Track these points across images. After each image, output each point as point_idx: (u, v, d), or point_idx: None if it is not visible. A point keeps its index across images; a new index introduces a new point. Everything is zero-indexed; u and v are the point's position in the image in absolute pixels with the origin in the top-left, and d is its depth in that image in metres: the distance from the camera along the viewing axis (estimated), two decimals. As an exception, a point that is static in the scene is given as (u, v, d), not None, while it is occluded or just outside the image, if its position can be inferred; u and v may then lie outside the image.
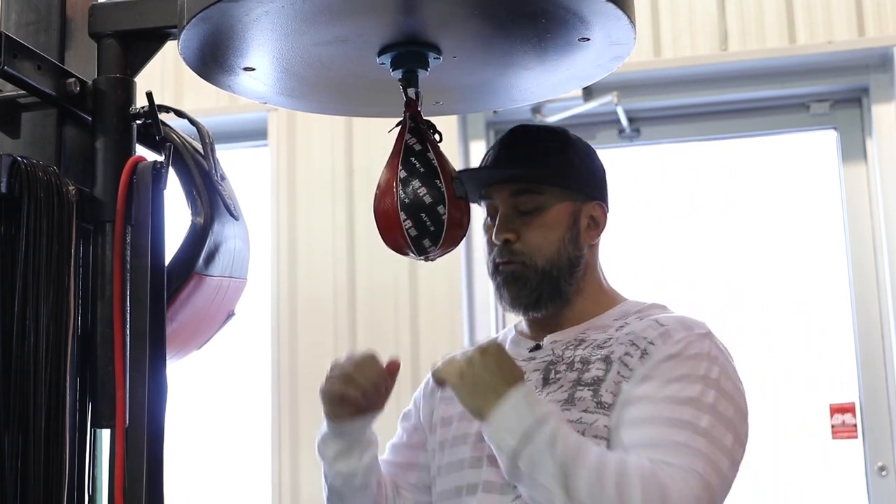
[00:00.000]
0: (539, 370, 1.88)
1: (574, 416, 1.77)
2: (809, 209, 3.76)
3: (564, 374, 1.84)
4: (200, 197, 1.56)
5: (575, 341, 1.88)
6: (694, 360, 1.76)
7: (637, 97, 3.74)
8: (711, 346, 1.79)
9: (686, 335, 1.79)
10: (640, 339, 1.80)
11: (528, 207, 1.89)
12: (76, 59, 1.52)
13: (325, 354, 3.73)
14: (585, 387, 1.79)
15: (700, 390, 1.73)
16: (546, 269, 1.89)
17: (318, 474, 3.56)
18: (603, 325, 1.90)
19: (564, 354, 1.87)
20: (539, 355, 1.91)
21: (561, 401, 1.80)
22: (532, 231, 1.89)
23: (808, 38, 3.60)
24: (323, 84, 1.63)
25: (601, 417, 1.75)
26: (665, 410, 1.71)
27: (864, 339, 3.60)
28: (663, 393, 1.72)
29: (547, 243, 1.89)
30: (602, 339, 1.86)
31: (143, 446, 1.37)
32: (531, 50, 1.51)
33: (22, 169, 1.33)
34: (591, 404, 1.77)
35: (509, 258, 1.90)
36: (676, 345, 1.77)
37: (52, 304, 1.32)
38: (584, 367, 1.82)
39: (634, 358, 1.78)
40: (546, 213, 1.90)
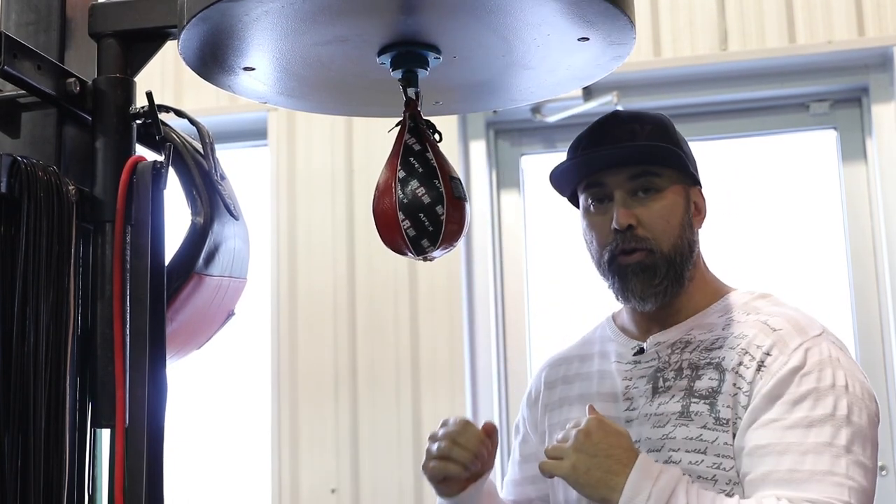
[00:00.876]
0: (646, 377, 1.82)
1: (693, 434, 1.72)
2: (809, 209, 3.76)
3: (674, 382, 1.78)
4: (200, 197, 1.56)
5: (680, 343, 1.82)
6: (817, 371, 1.69)
7: (637, 97, 3.74)
8: (831, 348, 1.73)
9: (802, 341, 1.72)
10: (754, 346, 1.73)
11: (648, 189, 1.82)
12: (76, 59, 1.52)
13: (324, 354, 3.75)
14: (700, 399, 1.73)
15: (832, 404, 1.66)
16: (671, 255, 1.82)
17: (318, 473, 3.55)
18: (708, 323, 1.83)
19: (671, 359, 1.81)
20: (643, 360, 1.85)
21: (676, 413, 1.75)
22: (654, 215, 1.82)
23: (807, 37, 3.60)
24: (323, 84, 1.63)
25: (721, 434, 1.70)
26: (799, 435, 1.64)
27: (864, 339, 3.60)
28: (794, 415, 1.65)
29: (670, 227, 1.82)
30: (709, 340, 1.79)
31: (143, 446, 1.37)
32: (531, 49, 1.51)
33: (22, 169, 1.33)
34: (710, 420, 1.71)
35: (634, 246, 1.81)
36: (795, 354, 1.70)
37: (52, 304, 1.32)
38: (693, 373, 1.76)
39: (750, 369, 1.71)
40: (665, 195, 1.84)
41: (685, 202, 1.86)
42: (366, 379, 3.71)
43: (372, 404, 3.68)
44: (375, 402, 3.68)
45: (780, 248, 3.75)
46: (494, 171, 3.89)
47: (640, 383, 1.83)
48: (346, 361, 3.74)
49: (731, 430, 1.70)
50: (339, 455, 3.69)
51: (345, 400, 3.70)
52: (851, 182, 3.69)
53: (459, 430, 1.82)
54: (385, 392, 3.69)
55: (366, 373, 3.71)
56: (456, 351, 3.66)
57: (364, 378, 3.71)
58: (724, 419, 1.71)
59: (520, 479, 2.05)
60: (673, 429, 1.75)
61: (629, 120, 1.89)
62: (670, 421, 1.76)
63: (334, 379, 3.73)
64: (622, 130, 1.87)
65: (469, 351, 3.71)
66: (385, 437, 3.67)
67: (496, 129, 3.91)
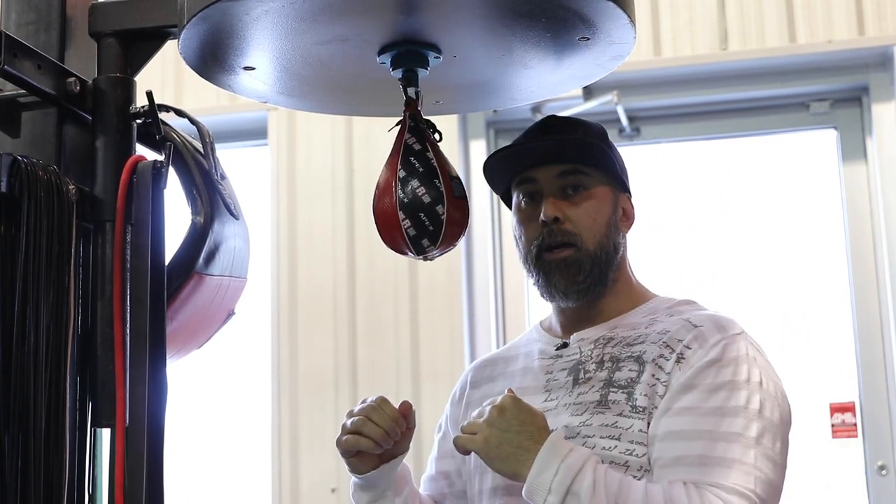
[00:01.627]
0: (567, 369, 1.86)
1: (609, 420, 1.75)
2: (809, 208, 3.76)
3: (594, 374, 1.81)
4: (200, 196, 1.56)
5: (603, 339, 1.85)
6: (734, 365, 1.72)
7: (637, 96, 3.74)
8: (748, 347, 1.76)
9: (721, 337, 1.75)
10: (674, 340, 1.77)
11: (576, 187, 1.86)
12: (76, 59, 1.52)
13: (324, 353, 3.75)
14: (619, 389, 1.76)
15: (746, 397, 1.69)
16: (597, 252, 1.85)
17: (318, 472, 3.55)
18: (631, 322, 1.86)
19: (593, 353, 1.84)
20: (566, 353, 1.88)
21: (594, 402, 1.78)
22: (582, 211, 1.86)
23: (808, 37, 3.60)
24: (323, 83, 1.63)
25: (637, 421, 1.73)
26: (713, 423, 1.67)
27: (864, 339, 3.61)
28: (708, 404, 1.69)
29: (597, 225, 1.86)
30: (631, 336, 1.83)
31: (144, 446, 1.37)
32: (531, 49, 1.51)
33: (22, 168, 1.33)
34: (626, 408, 1.74)
35: (561, 239, 1.84)
36: (713, 349, 1.74)
37: (53, 304, 1.32)
38: (614, 365, 1.80)
39: (670, 361, 1.75)
40: (594, 193, 1.87)
41: (612, 205, 1.90)
42: (366, 378, 3.71)
43: (372, 404, 3.68)
44: (375, 401, 3.67)
45: (780, 248, 3.75)
46: (494, 170, 3.89)
47: (560, 375, 1.86)
48: (346, 360, 3.74)
49: (647, 418, 1.73)
50: (339, 455, 3.68)
51: (345, 399, 3.70)
52: (851, 181, 3.69)
53: (374, 407, 1.84)
54: (385, 391, 3.65)
55: (366, 372, 3.72)
56: (456, 349, 3.66)
57: (364, 377, 3.72)
58: (640, 407, 1.74)
59: (435, 475, 2.06)
60: (590, 416, 1.78)
61: (565, 122, 1.94)
62: (588, 409, 1.78)
63: (334, 378, 3.73)
64: (558, 130, 1.92)
65: (469, 349, 3.71)
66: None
67: (496, 129, 3.91)
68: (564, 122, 1.93)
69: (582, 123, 1.94)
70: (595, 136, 1.92)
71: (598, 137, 1.92)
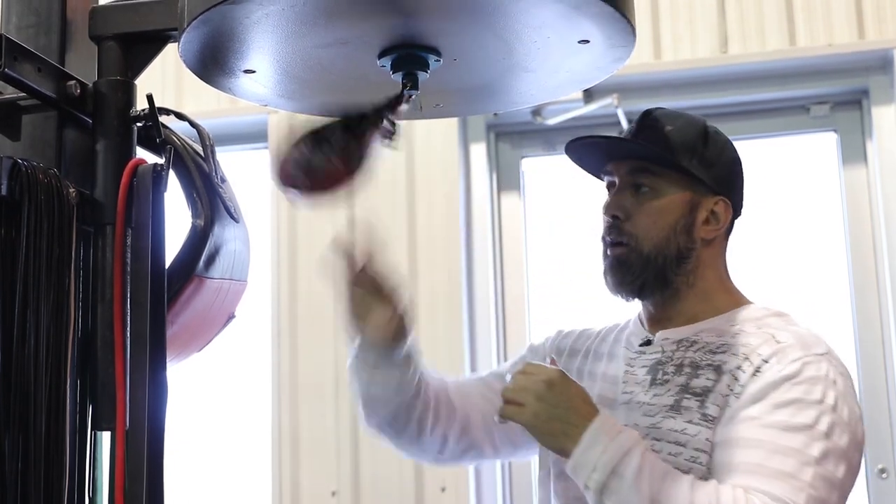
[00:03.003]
0: (647, 367, 1.85)
1: (678, 426, 1.74)
2: (810, 212, 3.76)
3: (672, 377, 1.80)
4: (201, 199, 1.56)
5: (686, 342, 1.84)
6: (809, 384, 1.69)
7: (637, 99, 3.74)
8: (829, 369, 1.72)
9: (802, 355, 1.72)
10: (755, 354, 1.74)
11: (644, 185, 1.86)
12: (76, 62, 1.52)
13: (325, 356, 3.74)
14: (693, 396, 1.75)
15: (814, 417, 1.66)
16: (651, 254, 1.85)
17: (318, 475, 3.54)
18: (718, 328, 1.84)
19: (675, 355, 1.83)
20: (648, 351, 1.88)
21: (667, 406, 1.77)
22: (643, 212, 1.86)
23: (808, 40, 3.60)
24: (323, 86, 1.63)
25: (703, 430, 1.72)
26: (774, 436, 1.65)
27: (865, 342, 3.60)
28: (774, 417, 1.66)
29: (656, 228, 1.85)
30: (715, 344, 1.81)
31: (144, 449, 1.37)
32: (531, 52, 1.51)
33: (22, 171, 1.33)
34: (697, 415, 1.73)
35: (616, 238, 1.86)
36: (791, 365, 1.71)
37: (53, 307, 1.32)
38: (693, 371, 1.78)
39: (746, 374, 1.72)
40: (662, 195, 1.87)
41: (685, 208, 1.88)
42: (366, 381, 3.70)
43: (372, 407, 3.68)
44: (376, 404, 3.67)
45: (780, 251, 3.75)
46: (495, 173, 3.89)
47: (639, 372, 1.86)
48: (346, 364, 3.73)
49: (715, 427, 1.72)
50: (340, 457, 3.68)
51: (345, 402, 3.70)
52: (852, 184, 3.69)
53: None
54: (385, 395, 3.68)
55: (366, 375, 3.71)
56: (456, 354, 3.65)
57: (364, 381, 3.71)
58: (710, 416, 1.73)
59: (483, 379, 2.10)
60: (661, 420, 1.78)
61: (659, 118, 1.92)
62: (660, 412, 1.78)
63: (335, 381, 3.73)
64: (648, 126, 1.91)
65: (469, 354, 3.71)
66: (385, 440, 3.66)
67: (496, 132, 3.91)
68: (660, 117, 1.92)
69: (677, 121, 1.91)
70: (689, 134, 1.90)
71: (691, 137, 1.90)
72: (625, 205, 1.87)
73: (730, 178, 1.95)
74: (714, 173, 1.90)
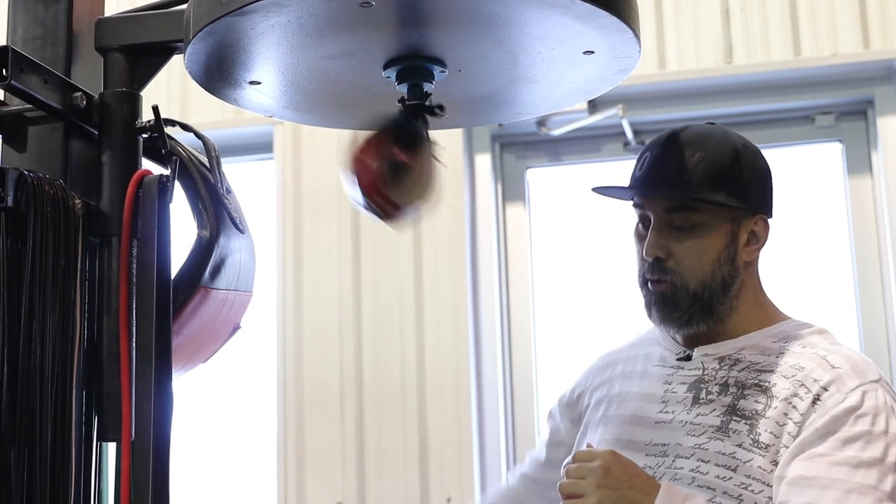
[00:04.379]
0: (687, 384, 1.83)
1: (727, 449, 1.72)
2: (815, 222, 3.76)
3: (717, 397, 1.77)
4: (206, 210, 1.57)
5: (729, 360, 1.82)
6: (872, 415, 1.67)
7: (642, 110, 3.74)
8: (887, 396, 1.72)
9: (860, 383, 1.71)
10: (811, 379, 1.72)
11: (682, 224, 1.82)
12: (82, 74, 1.52)
13: (330, 367, 3.75)
14: (742, 419, 1.73)
15: (882, 449, 1.64)
16: (698, 291, 1.81)
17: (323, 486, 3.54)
18: (760, 345, 1.82)
19: (718, 374, 1.80)
20: (687, 366, 1.85)
21: (714, 426, 1.75)
22: (686, 250, 1.81)
23: (812, 50, 3.60)
24: (328, 98, 1.64)
25: (757, 457, 1.69)
26: (846, 474, 1.62)
27: (870, 351, 3.59)
28: (844, 453, 1.64)
29: (701, 265, 1.81)
30: (761, 364, 1.78)
31: (149, 459, 1.37)
32: (536, 63, 1.51)
33: (28, 182, 1.33)
34: (747, 440, 1.71)
35: (660, 277, 1.82)
36: (851, 395, 1.69)
37: (59, 318, 1.33)
38: (739, 392, 1.76)
39: (805, 402, 1.70)
40: (702, 232, 1.82)
41: (727, 237, 1.83)
42: (371, 393, 3.71)
43: (377, 418, 3.68)
44: (381, 415, 3.67)
45: (786, 262, 3.74)
46: (500, 184, 3.90)
47: (679, 389, 1.83)
48: (351, 375, 3.74)
49: (770, 456, 1.69)
50: (345, 469, 3.68)
51: (350, 413, 3.70)
52: (857, 194, 3.68)
53: None
54: (391, 406, 3.68)
55: (371, 386, 3.71)
56: (461, 364, 3.65)
57: (370, 392, 3.71)
58: (763, 443, 1.70)
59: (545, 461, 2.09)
60: (708, 441, 1.75)
61: (688, 143, 1.84)
62: (706, 433, 1.75)
63: (340, 392, 3.73)
64: (674, 155, 1.84)
65: (475, 364, 3.70)
66: (391, 451, 3.66)
67: (501, 143, 3.92)
68: (691, 142, 1.84)
69: (704, 144, 1.84)
70: (720, 160, 1.83)
71: (722, 162, 1.83)
72: (665, 244, 1.82)
73: (764, 192, 1.89)
74: (750, 195, 1.85)
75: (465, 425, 3.60)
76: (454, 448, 3.60)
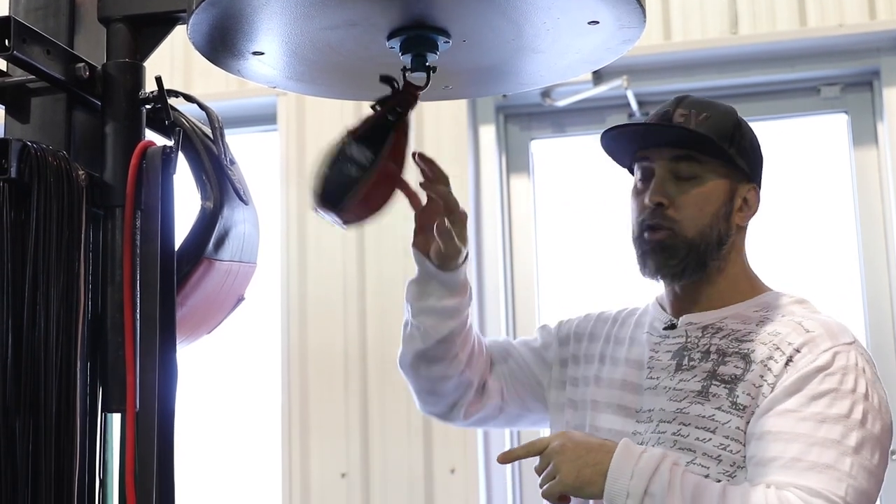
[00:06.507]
0: (671, 352, 1.88)
1: (706, 412, 1.77)
2: (820, 193, 3.75)
3: (699, 363, 1.83)
4: (210, 181, 1.56)
5: (712, 328, 1.87)
6: (841, 374, 1.73)
7: (647, 81, 3.73)
8: (858, 358, 1.77)
9: (832, 345, 1.76)
10: (785, 343, 1.77)
11: (686, 174, 1.88)
12: (85, 44, 1.52)
13: (334, 338, 3.75)
14: (721, 383, 1.78)
15: (849, 406, 1.70)
16: (695, 240, 1.87)
17: (328, 457, 3.54)
18: (742, 315, 1.87)
19: (700, 341, 1.86)
20: (672, 335, 1.90)
21: (694, 391, 1.80)
22: (688, 199, 1.87)
23: (818, 20, 3.58)
24: (332, 68, 1.63)
25: (735, 418, 1.75)
26: (811, 428, 1.68)
27: (875, 325, 3.60)
28: (809, 409, 1.70)
29: (701, 214, 1.87)
30: (742, 332, 1.83)
31: (154, 431, 1.37)
32: (541, 33, 1.51)
33: (32, 154, 1.33)
34: (726, 403, 1.76)
35: (660, 223, 1.87)
36: (822, 355, 1.74)
37: (63, 289, 1.33)
38: (719, 358, 1.81)
39: (779, 364, 1.75)
40: (705, 183, 1.88)
41: (726, 195, 1.91)
42: (375, 363, 3.72)
43: (381, 388, 3.69)
44: (385, 386, 3.68)
45: (790, 233, 3.74)
46: (504, 155, 3.89)
47: (664, 357, 1.88)
48: (355, 346, 3.74)
49: (747, 416, 1.74)
50: (349, 440, 3.69)
51: (355, 384, 3.71)
52: (862, 166, 3.68)
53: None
54: (395, 377, 3.67)
55: (375, 357, 3.72)
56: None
57: (374, 363, 3.72)
58: (741, 405, 1.75)
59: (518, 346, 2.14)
60: (688, 405, 1.80)
61: (692, 105, 1.93)
62: (687, 397, 1.81)
63: (344, 364, 3.73)
64: (681, 112, 1.92)
65: (479, 335, 3.70)
66: (395, 422, 3.67)
67: (506, 114, 3.91)
68: (694, 104, 1.93)
69: (711, 108, 1.93)
70: (720, 125, 1.91)
71: (727, 125, 1.92)
72: (668, 192, 1.88)
73: (758, 164, 1.98)
74: (748, 162, 1.93)
75: (469, 396, 3.60)
76: (458, 419, 3.61)
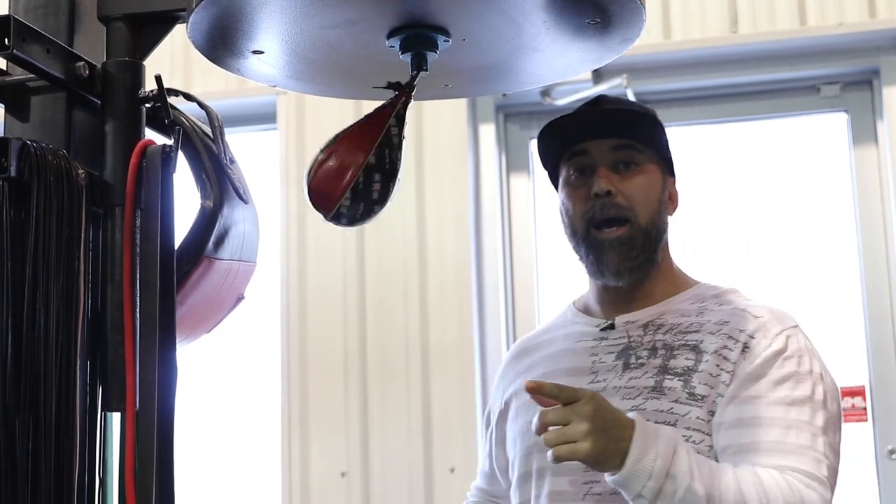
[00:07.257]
0: (614, 353, 1.85)
1: (665, 407, 1.75)
2: (819, 192, 3.75)
3: (648, 360, 1.81)
4: (210, 180, 1.56)
5: (653, 325, 1.85)
6: (798, 357, 1.76)
7: (647, 80, 3.73)
8: (806, 341, 1.80)
9: (782, 328, 1.78)
10: (736, 331, 1.78)
11: (627, 162, 1.86)
12: (85, 43, 1.52)
13: (334, 338, 3.75)
14: (675, 376, 1.77)
15: (811, 388, 1.73)
16: (648, 229, 1.85)
17: (328, 456, 3.55)
18: (679, 309, 1.86)
19: (643, 339, 1.83)
20: (612, 336, 1.87)
21: (648, 387, 1.78)
22: (634, 185, 1.86)
23: (818, 19, 3.58)
24: (332, 67, 1.63)
25: (694, 409, 1.74)
26: (782, 412, 1.70)
27: (874, 323, 3.60)
28: (776, 393, 1.72)
29: (650, 201, 1.86)
30: (684, 324, 1.83)
31: (154, 429, 1.37)
32: (541, 32, 1.51)
33: (31, 153, 1.33)
34: (683, 395, 1.75)
35: (614, 213, 1.84)
36: (777, 339, 1.77)
37: (62, 288, 1.32)
38: (668, 353, 1.80)
39: (734, 351, 1.76)
40: (646, 170, 1.88)
41: (662, 184, 1.91)
42: (375, 363, 3.72)
43: (381, 388, 3.69)
44: (385, 385, 3.68)
45: (789, 232, 3.74)
46: (504, 154, 3.89)
47: (607, 358, 1.85)
48: (355, 345, 3.75)
49: (707, 406, 1.74)
50: (349, 439, 3.69)
51: (354, 384, 3.71)
52: (862, 164, 3.68)
53: None
54: (395, 376, 3.69)
55: (376, 357, 3.72)
56: (465, 335, 3.66)
57: (374, 362, 3.72)
58: (699, 395, 1.75)
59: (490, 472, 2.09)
60: (644, 401, 1.77)
61: (617, 102, 1.96)
62: (641, 394, 1.78)
63: (344, 363, 3.74)
64: (615, 108, 1.94)
65: (478, 335, 3.71)
66: (395, 421, 3.67)
67: (505, 113, 3.91)
68: (618, 101, 1.96)
69: (636, 105, 1.97)
70: (651, 117, 1.94)
71: (652, 120, 1.93)
72: (613, 181, 1.85)
73: (673, 160, 1.97)
74: (671, 155, 1.94)
75: (469, 396, 3.61)
76: (458, 419, 3.62)
